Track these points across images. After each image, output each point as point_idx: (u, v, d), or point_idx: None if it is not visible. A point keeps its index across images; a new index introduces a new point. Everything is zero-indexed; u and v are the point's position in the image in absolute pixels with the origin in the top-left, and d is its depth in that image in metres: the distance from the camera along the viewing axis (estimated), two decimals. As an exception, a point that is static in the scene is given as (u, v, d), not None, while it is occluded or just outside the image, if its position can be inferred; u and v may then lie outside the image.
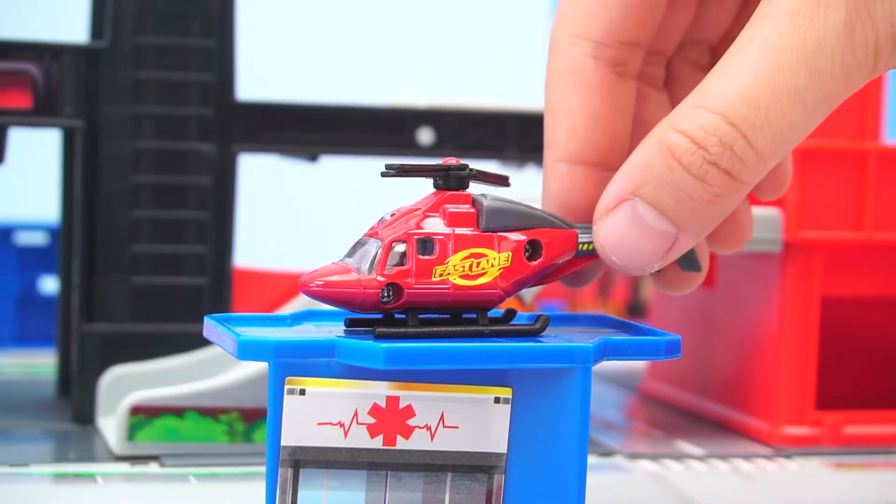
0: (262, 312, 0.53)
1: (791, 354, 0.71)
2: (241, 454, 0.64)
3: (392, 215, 0.48)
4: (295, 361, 0.46)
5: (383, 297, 0.47)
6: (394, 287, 0.47)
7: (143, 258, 0.72)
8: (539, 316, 0.50)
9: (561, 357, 0.47)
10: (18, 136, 0.72)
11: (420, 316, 0.48)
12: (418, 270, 0.47)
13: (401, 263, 0.47)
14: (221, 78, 0.72)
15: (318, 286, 0.47)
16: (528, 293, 0.68)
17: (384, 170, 0.48)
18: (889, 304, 0.76)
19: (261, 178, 1.14)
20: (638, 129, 0.53)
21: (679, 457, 0.68)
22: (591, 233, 0.50)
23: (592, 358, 0.47)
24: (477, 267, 0.48)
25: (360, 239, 0.48)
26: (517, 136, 0.76)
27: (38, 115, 0.70)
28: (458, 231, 0.48)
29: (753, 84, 0.45)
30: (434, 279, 0.47)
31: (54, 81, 0.70)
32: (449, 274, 0.47)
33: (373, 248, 0.47)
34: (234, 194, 0.73)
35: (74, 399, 0.71)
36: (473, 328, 0.48)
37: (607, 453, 0.68)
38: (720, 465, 0.67)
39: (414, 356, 0.45)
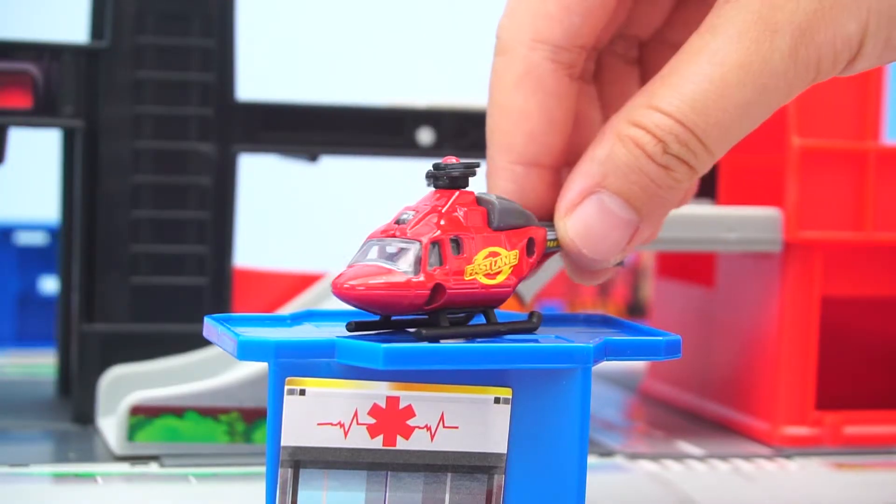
0: (262, 312, 0.53)
1: (791, 354, 0.71)
2: (241, 454, 0.64)
3: (411, 215, 0.48)
4: (295, 362, 0.46)
5: (433, 298, 0.47)
6: (436, 287, 0.47)
7: (143, 258, 0.72)
8: (532, 313, 0.51)
9: (561, 357, 0.47)
10: (18, 136, 0.72)
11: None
12: (455, 270, 0.47)
13: (438, 263, 0.47)
14: (221, 78, 0.72)
15: (362, 290, 0.46)
16: (528, 293, 0.68)
17: (430, 171, 0.49)
18: (889, 304, 0.76)
19: (261, 178, 1.14)
20: (574, 127, 0.55)
21: (679, 457, 0.68)
22: (550, 229, 0.51)
23: (592, 358, 0.47)
24: (495, 266, 0.48)
25: (376, 239, 0.47)
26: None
27: (38, 115, 0.70)
28: (477, 231, 0.48)
29: (703, 95, 0.48)
30: (466, 278, 0.47)
31: (54, 81, 0.70)
32: (475, 273, 0.48)
33: (408, 248, 0.46)
34: (234, 194, 0.73)
35: (74, 399, 0.71)
36: (493, 328, 0.49)
37: (607, 453, 0.68)
38: (720, 465, 0.67)
39: (414, 356, 0.45)
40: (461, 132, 0.76)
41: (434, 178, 0.49)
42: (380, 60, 1.69)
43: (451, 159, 0.49)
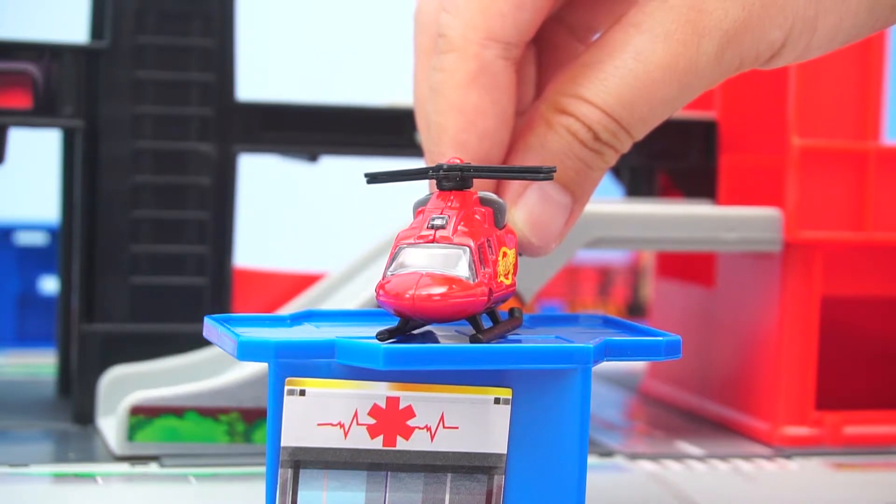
0: (262, 312, 0.53)
1: (791, 354, 0.71)
2: (241, 454, 0.64)
3: (444, 218, 0.47)
4: (295, 362, 0.46)
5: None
6: (489, 291, 0.47)
7: (143, 258, 0.72)
8: (512, 309, 0.51)
9: (561, 357, 0.47)
10: (18, 136, 0.72)
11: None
12: (494, 273, 0.47)
13: (483, 267, 0.46)
14: (221, 78, 0.72)
15: (438, 300, 0.45)
16: (528, 293, 0.68)
17: (440, 172, 0.48)
18: (889, 304, 0.76)
19: (261, 178, 1.14)
20: None
21: (679, 457, 0.68)
22: None
23: (592, 358, 0.47)
24: (507, 265, 0.49)
25: (418, 245, 0.46)
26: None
27: (38, 115, 0.70)
28: (492, 231, 0.48)
29: (629, 90, 0.50)
30: (499, 280, 0.48)
31: (54, 81, 0.70)
32: (500, 274, 0.48)
33: (459, 253, 0.46)
34: (234, 194, 0.73)
35: (74, 399, 0.71)
36: (515, 322, 0.50)
37: (607, 453, 0.68)
38: (720, 465, 0.67)
39: (414, 357, 0.45)
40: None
41: (443, 179, 0.48)
42: (380, 60, 1.69)
43: (456, 160, 0.48)
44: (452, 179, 0.48)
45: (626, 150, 0.52)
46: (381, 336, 0.46)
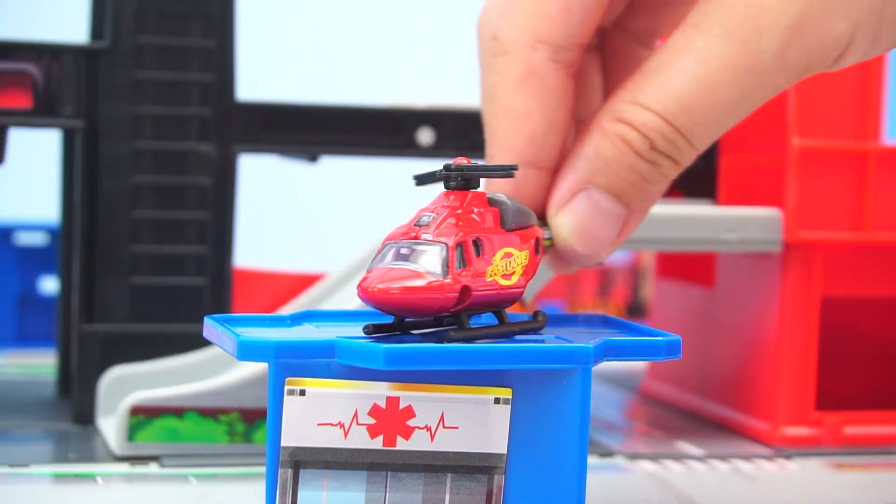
0: (262, 313, 0.53)
1: (791, 354, 0.71)
2: (241, 454, 0.64)
3: (431, 216, 0.47)
4: (295, 362, 0.46)
5: (461, 300, 0.47)
6: (463, 289, 0.47)
7: (143, 258, 0.72)
8: (536, 312, 0.51)
9: (561, 357, 0.47)
10: (18, 136, 0.72)
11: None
12: (477, 272, 0.47)
13: (463, 265, 0.47)
14: (221, 78, 0.72)
15: (396, 293, 0.45)
16: (529, 293, 0.68)
17: (442, 172, 0.49)
18: (889, 304, 0.76)
19: (261, 178, 1.14)
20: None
21: (679, 457, 0.68)
22: (543, 228, 0.51)
23: (592, 358, 0.47)
24: (510, 266, 0.48)
25: (399, 242, 0.47)
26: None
27: (38, 115, 0.70)
28: (494, 231, 0.48)
29: (689, 94, 0.49)
30: (487, 280, 0.47)
31: (54, 81, 0.70)
32: (494, 274, 0.48)
33: (433, 250, 0.46)
34: (234, 194, 0.73)
35: (74, 399, 0.71)
36: (507, 327, 0.49)
37: (607, 453, 0.68)
38: (720, 465, 0.67)
39: (414, 357, 0.45)
40: (461, 132, 0.76)
41: (447, 179, 0.48)
42: (380, 60, 1.69)
43: (463, 160, 0.49)
44: (455, 179, 0.48)
45: (687, 162, 0.50)
46: (367, 329, 0.47)
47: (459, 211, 0.48)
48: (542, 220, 0.52)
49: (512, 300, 0.49)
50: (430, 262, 0.46)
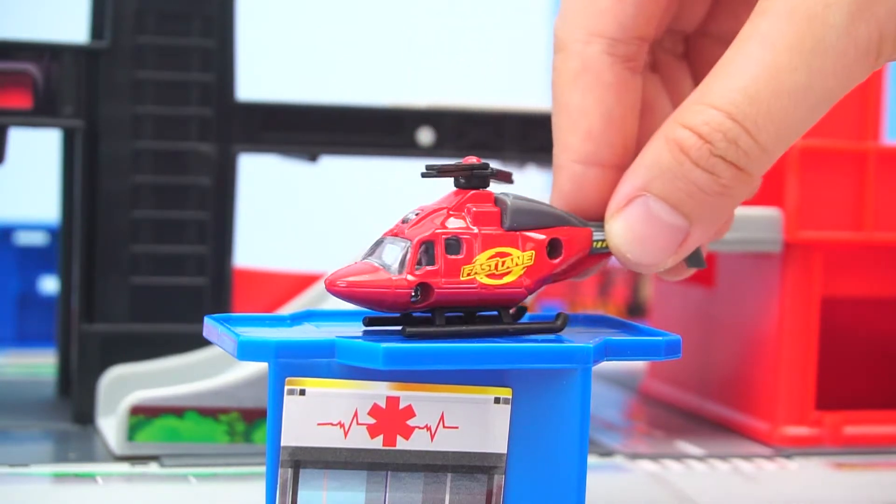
0: (262, 312, 0.53)
1: (791, 354, 0.71)
2: (241, 454, 0.64)
3: (416, 214, 0.48)
4: (295, 362, 0.46)
5: (412, 296, 0.47)
6: (423, 287, 0.47)
7: (143, 258, 0.71)
8: (559, 314, 0.50)
9: (561, 357, 0.47)
10: (18, 136, 0.72)
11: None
12: (447, 270, 0.47)
13: (430, 263, 0.47)
14: (221, 78, 0.72)
15: (343, 286, 0.46)
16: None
17: (425, 171, 0.48)
18: (889, 304, 0.76)
19: (261, 178, 1.14)
20: (642, 117, 0.53)
21: (679, 457, 0.68)
22: (599, 230, 0.50)
23: (592, 358, 0.47)
24: (502, 266, 0.48)
25: (382, 238, 0.48)
26: (517, 136, 0.76)
27: (38, 115, 0.70)
28: (484, 230, 0.48)
29: (754, 82, 0.45)
30: (462, 278, 0.47)
31: (54, 81, 0.70)
32: (476, 273, 0.48)
33: (400, 247, 0.47)
34: (234, 194, 0.73)
35: (74, 399, 0.71)
36: (499, 327, 0.49)
37: (607, 453, 0.68)
38: (720, 465, 0.67)
39: (414, 356, 0.45)
40: (461, 132, 0.76)
41: (455, 177, 0.49)
42: (380, 60, 1.69)
43: (472, 159, 0.49)
44: (466, 178, 0.48)
45: (756, 168, 0.47)
46: (365, 321, 0.48)
47: (450, 209, 0.48)
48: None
49: (508, 300, 0.49)
50: (389, 257, 0.47)
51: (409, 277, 0.47)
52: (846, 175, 0.71)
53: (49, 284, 0.98)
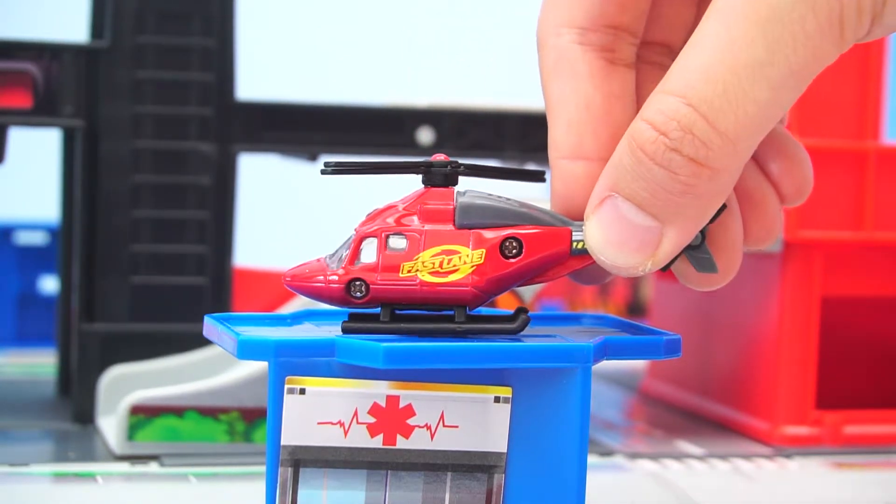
0: (261, 312, 0.53)
1: (791, 354, 0.71)
2: (241, 454, 0.64)
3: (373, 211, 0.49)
4: (295, 361, 0.46)
5: (356, 292, 0.47)
6: (361, 282, 0.47)
7: (143, 258, 0.72)
8: (518, 309, 0.49)
9: (561, 357, 0.46)
10: (18, 136, 0.72)
11: (405, 313, 0.48)
12: (385, 266, 0.47)
13: (372, 259, 0.47)
14: (221, 78, 0.72)
15: (288, 280, 0.48)
16: (528, 292, 0.68)
17: (323, 167, 0.50)
18: (889, 304, 0.76)
19: (261, 178, 1.14)
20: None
21: (679, 457, 0.68)
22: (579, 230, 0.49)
23: (592, 357, 0.47)
24: (448, 264, 0.47)
25: (351, 234, 0.49)
26: (517, 135, 0.76)
27: (38, 114, 0.70)
28: (430, 227, 0.48)
29: (710, 59, 0.42)
30: (401, 275, 0.47)
31: (54, 81, 0.70)
32: (418, 270, 0.47)
33: (344, 243, 0.48)
34: (234, 194, 0.73)
35: (74, 399, 0.71)
36: (446, 325, 0.48)
37: (607, 453, 0.68)
38: (720, 465, 0.67)
39: (414, 356, 0.45)
40: (461, 132, 0.76)
41: (423, 174, 0.49)
42: (380, 60, 1.69)
43: (440, 157, 0.49)
44: (426, 175, 0.49)
45: (717, 160, 0.43)
46: (350, 316, 0.49)
47: (402, 206, 0.48)
48: None
49: (455, 298, 0.48)
50: (335, 253, 0.48)
51: (341, 272, 0.47)
52: (846, 175, 0.71)
53: (49, 284, 0.98)
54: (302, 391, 0.46)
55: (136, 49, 0.71)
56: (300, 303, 0.72)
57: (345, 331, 0.47)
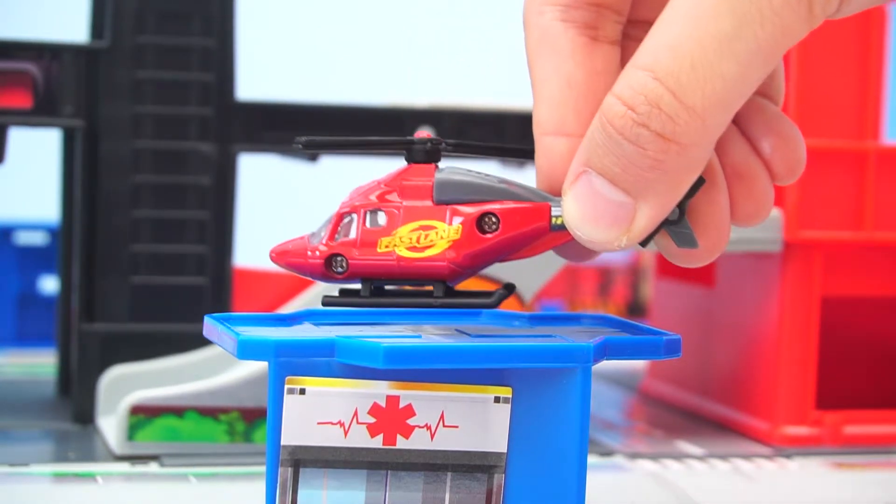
0: (261, 312, 0.53)
1: (791, 354, 0.71)
2: (241, 454, 0.64)
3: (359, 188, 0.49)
4: (295, 361, 0.46)
5: (336, 267, 0.48)
6: (341, 258, 0.48)
7: (143, 258, 0.72)
8: (503, 286, 0.49)
9: (561, 357, 0.46)
10: (18, 136, 0.72)
11: (388, 288, 0.48)
12: (363, 241, 0.48)
13: (349, 234, 0.48)
14: (221, 78, 0.72)
15: (273, 256, 0.49)
16: (528, 292, 0.68)
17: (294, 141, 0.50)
18: (889, 304, 0.76)
19: (261, 178, 1.14)
20: None
21: (679, 457, 0.68)
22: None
23: (592, 357, 0.47)
24: (425, 239, 0.48)
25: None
26: (517, 135, 0.76)
27: (38, 115, 0.70)
28: (409, 203, 0.48)
29: (678, 33, 0.42)
30: (379, 250, 0.48)
31: (54, 81, 0.70)
32: (395, 245, 0.48)
33: (326, 219, 0.48)
34: (234, 194, 0.73)
35: (74, 399, 0.71)
36: (423, 300, 0.48)
37: (607, 453, 0.68)
38: (720, 465, 0.67)
39: (414, 355, 0.45)
40: (461, 132, 0.76)
41: (405, 151, 0.49)
42: (380, 60, 1.69)
43: (423, 133, 0.49)
44: (408, 152, 0.49)
45: (684, 135, 0.43)
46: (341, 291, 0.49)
47: (383, 183, 0.49)
48: None
49: (432, 273, 0.48)
50: (319, 230, 0.49)
51: (322, 248, 0.48)
52: (846, 175, 0.71)
53: (49, 284, 0.98)
54: (302, 391, 0.46)
55: (136, 49, 0.71)
56: (300, 303, 0.72)
57: (324, 304, 0.48)
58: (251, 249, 0.87)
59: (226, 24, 0.72)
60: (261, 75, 1.01)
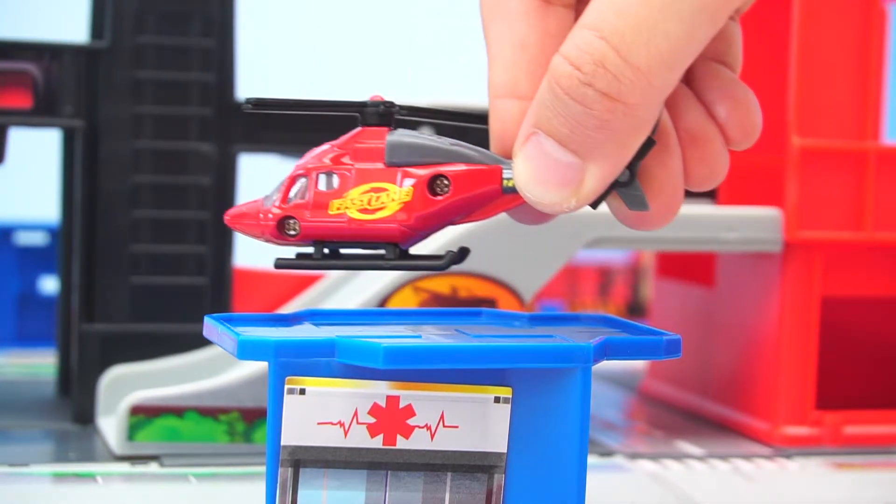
0: (262, 312, 0.53)
1: (791, 354, 0.71)
2: (241, 454, 0.64)
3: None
4: (295, 361, 0.46)
5: (289, 230, 0.48)
6: (294, 220, 0.48)
7: (143, 258, 0.72)
8: (458, 249, 0.49)
9: (561, 357, 0.46)
10: (18, 136, 0.72)
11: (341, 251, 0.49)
12: (315, 203, 0.48)
13: (301, 197, 0.48)
14: (221, 78, 0.72)
15: (227, 219, 0.49)
16: (528, 292, 0.68)
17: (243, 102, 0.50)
18: (889, 304, 0.76)
19: (261, 178, 1.14)
20: None
21: (679, 457, 0.68)
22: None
23: (592, 357, 0.47)
24: (376, 201, 0.48)
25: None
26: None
27: (38, 115, 0.70)
28: (360, 165, 0.48)
29: None
30: (331, 212, 0.48)
31: (54, 81, 0.70)
32: (346, 208, 0.48)
33: (282, 182, 0.49)
34: (234, 194, 0.73)
35: (74, 399, 0.71)
36: (374, 262, 0.48)
37: (607, 453, 0.68)
38: (720, 465, 0.67)
39: (414, 356, 0.45)
40: (461, 132, 0.75)
41: (358, 114, 0.50)
42: (379, 60, 1.69)
43: (377, 97, 0.49)
44: (361, 115, 0.49)
45: (630, 95, 0.43)
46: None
47: (335, 146, 0.49)
48: None
49: (383, 235, 0.48)
50: (272, 192, 0.49)
51: (275, 210, 0.48)
52: (846, 175, 0.71)
53: (49, 284, 0.98)
54: (302, 391, 0.46)
55: (136, 49, 0.71)
56: (300, 303, 0.72)
57: (277, 266, 0.48)
58: (251, 249, 0.87)
59: (226, 24, 0.72)
60: (261, 75, 1.01)
